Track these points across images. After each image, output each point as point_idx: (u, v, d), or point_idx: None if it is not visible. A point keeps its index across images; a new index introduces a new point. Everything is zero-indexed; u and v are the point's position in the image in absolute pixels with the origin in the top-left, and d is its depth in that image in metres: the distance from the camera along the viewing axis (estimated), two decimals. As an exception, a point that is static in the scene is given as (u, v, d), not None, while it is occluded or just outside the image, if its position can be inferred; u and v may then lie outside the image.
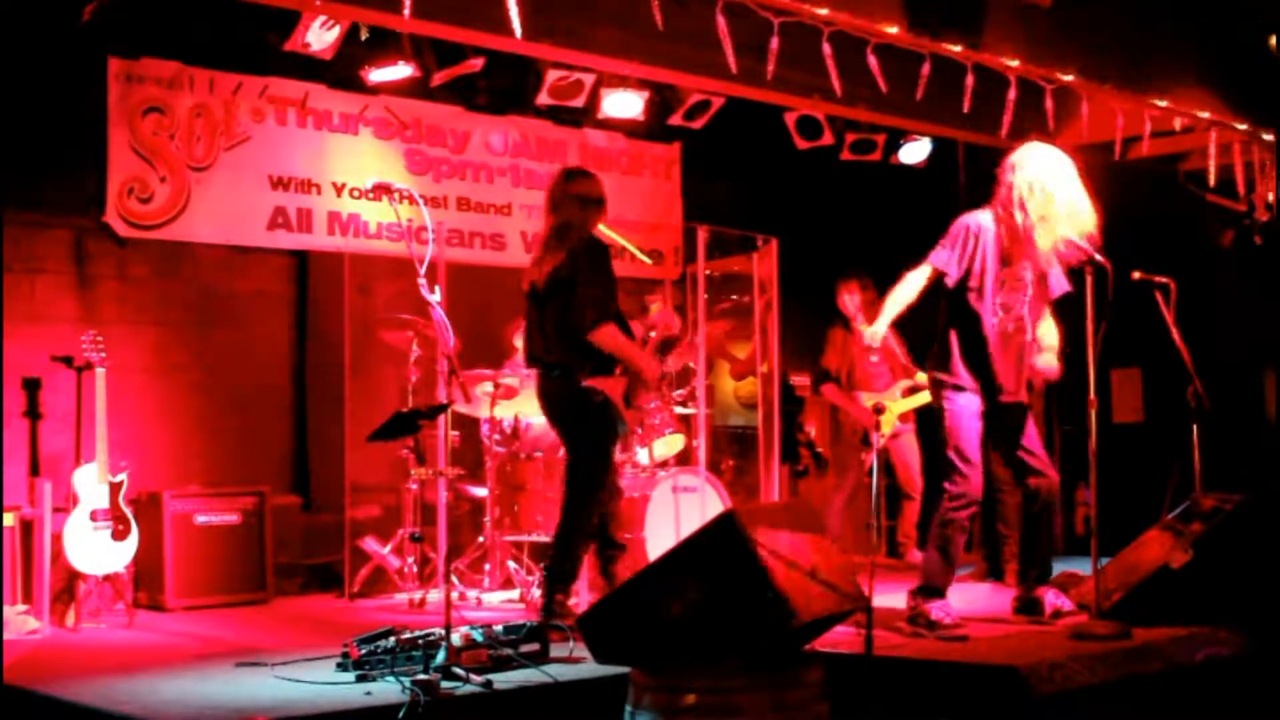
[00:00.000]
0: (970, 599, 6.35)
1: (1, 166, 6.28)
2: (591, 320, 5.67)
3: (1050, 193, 5.55)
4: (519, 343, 7.59)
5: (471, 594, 6.97)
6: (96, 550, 6.33)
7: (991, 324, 5.64)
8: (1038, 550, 5.87)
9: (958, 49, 7.08)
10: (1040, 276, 5.71)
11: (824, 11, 6.49)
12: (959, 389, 5.67)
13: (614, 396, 5.79)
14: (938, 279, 5.68)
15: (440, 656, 4.61)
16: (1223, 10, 8.35)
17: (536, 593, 6.80)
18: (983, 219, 5.67)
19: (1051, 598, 5.81)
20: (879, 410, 6.08)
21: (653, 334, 6.47)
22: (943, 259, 5.65)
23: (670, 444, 7.71)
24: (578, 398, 5.74)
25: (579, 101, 7.09)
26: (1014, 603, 5.91)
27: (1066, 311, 5.86)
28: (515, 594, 6.93)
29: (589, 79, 6.95)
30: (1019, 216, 5.57)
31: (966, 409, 5.67)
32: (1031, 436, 5.82)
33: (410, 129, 8.17)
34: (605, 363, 5.76)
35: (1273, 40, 8.44)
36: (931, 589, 5.60)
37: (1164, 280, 6.43)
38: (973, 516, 5.74)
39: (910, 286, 5.68)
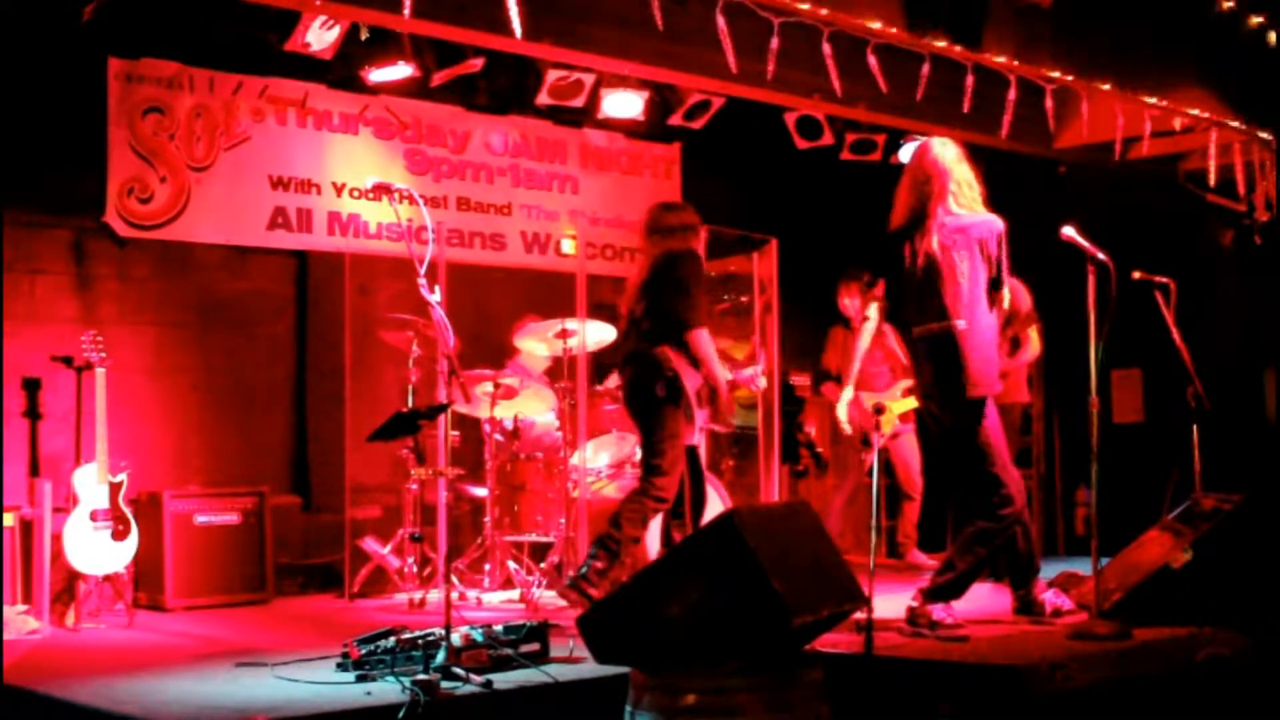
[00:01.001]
0: (970, 599, 6.34)
1: (1, 166, 6.28)
2: (693, 320, 5.92)
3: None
4: (519, 343, 7.61)
5: (471, 594, 6.97)
6: (96, 550, 6.33)
7: (990, 324, 5.61)
8: (1022, 554, 5.85)
9: (958, 49, 7.09)
10: None
11: (824, 11, 6.49)
12: (988, 400, 5.53)
13: (688, 383, 5.91)
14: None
15: (440, 656, 4.60)
16: (1222, 10, 8.35)
17: (537, 592, 6.81)
18: (972, 215, 5.61)
19: (1051, 597, 5.81)
20: (879, 410, 6.06)
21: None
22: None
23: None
24: (652, 367, 5.91)
25: (579, 101, 7.09)
26: (1014, 603, 5.91)
27: (1067, 311, 5.86)
28: (515, 594, 6.92)
29: (589, 79, 6.95)
30: (969, 202, 5.58)
31: (997, 420, 5.57)
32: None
33: (410, 129, 8.17)
34: (689, 358, 5.95)
35: (1272, 36, 8.45)
36: (945, 597, 5.56)
37: (1164, 280, 6.44)
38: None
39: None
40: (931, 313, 5.55)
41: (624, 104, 7.42)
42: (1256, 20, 8.44)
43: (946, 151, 5.62)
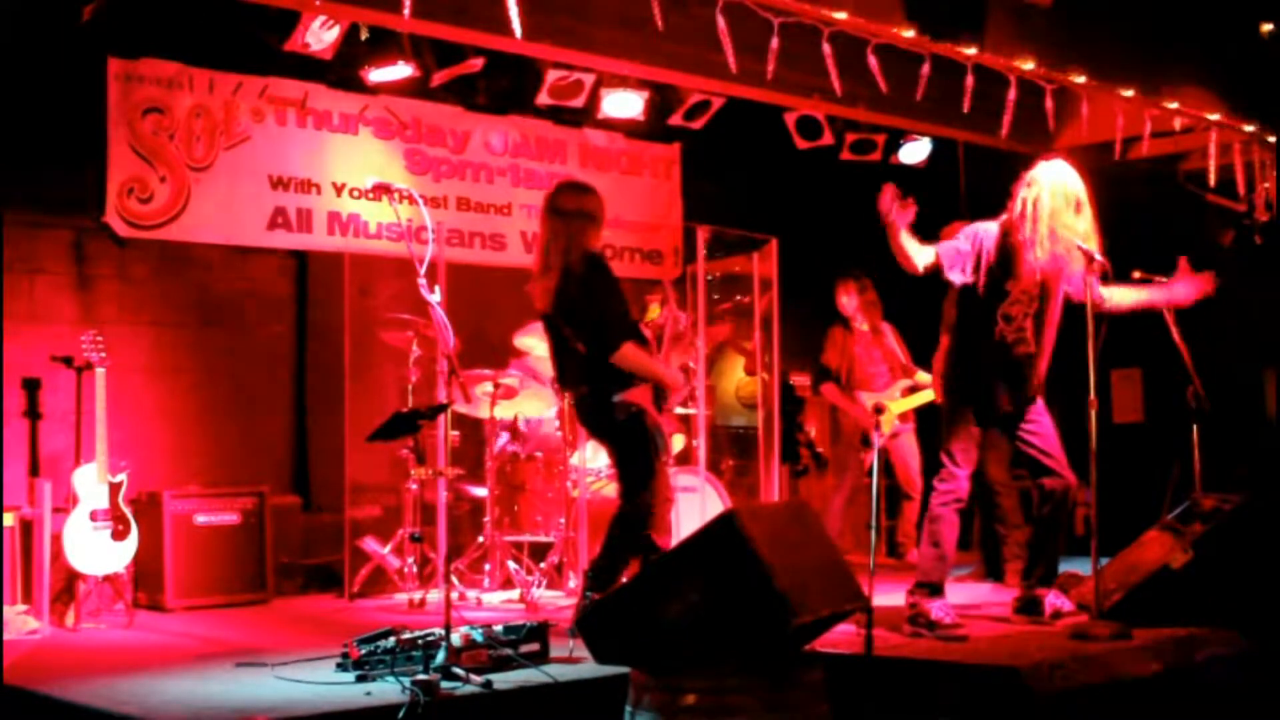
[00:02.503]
0: (970, 599, 6.35)
1: (1, 166, 6.28)
2: (611, 342, 5.65)
3: (1055, 211, 5.57)
4: (519, 343, 7.62)
5: (471, 594, 6.97)
6: (96, 550, 6.33)
7: (993, 333, 5.66)
8: (1045, 551, 5.87)
9: (958, 49, 7.08)
10: (1049, 291, 5.72)
11: (824, 11, 6.49)
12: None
13: (646, 405, 5.78)
14: (940, 277, 5.71)
15: (440, 656, 4.61)
16: (1223, 10, 8.35)
17: (536, 592, 6.81)
18: (991, 228, 5.69)
19: (1052, 598, 5.82)
20: (879, 410, 6.08)
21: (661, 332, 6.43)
22: (947, 251, 5.67)
23: (670, 443, 7.70)
24: (613, 414, 5.73)
25: (579, 101, 7.09)
26: (1014, 603, 5.91)
27: (1067, 312, 5.87)
28: (515, 594, 6.93)
29: (589, 79, 6.95)
30: (1023, 231, 5.59)
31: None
32: (1048, 439, 5.83)
33: (410, 129, 8.16)
34: (629, 377, 5.73)
35: (1264, 27, 8.45)
36: (929, 586, 5.62)
37: (1164, 280, 6.43)
38: (961, 513, 5.79)
39: (918, 252, 5.60)
40: None
41: (624, 104, 7.42)
42: (1257, 20, 8.44)
43: (1031, 173, 5.74)
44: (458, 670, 4.56)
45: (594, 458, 7.42)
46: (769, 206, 9.25)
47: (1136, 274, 6.33)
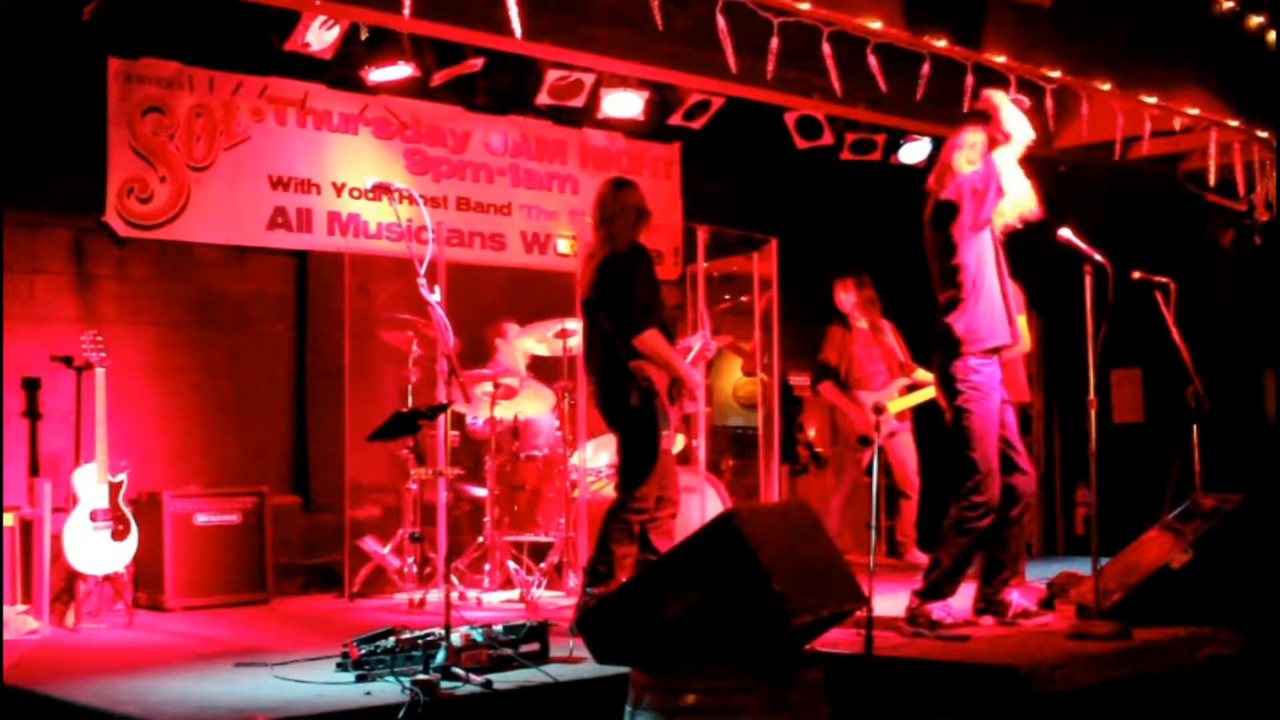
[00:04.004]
0: (969, 599, 6.34)
1: (1, 166, 6.28)
2: (638, 323, 5.77)
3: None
4: (505, 344, 7.63)
5: (471, 594, 6.97)
6: (96, 550, 6.33)
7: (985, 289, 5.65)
8: (1012, 550, 5.82)
9: (958, 49, 7.09)
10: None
11: (824, 11, 6.49)
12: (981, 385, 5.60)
13: (660, 389, 5.83)
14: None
15: (440, 656, 4.61)
16: (1222, 10, 8.36)
17: (536, 592, 6.81)
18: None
19: (1017, 599, 5.78)
20: (879, 410, 6.07)
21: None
22: None
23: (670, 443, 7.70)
24: (626, 384, 5.80)
25: (579, 101, 7.09)
26: (976, 603, 5.82)
27: (1067, 311, 5.87)
28: (515, 594, 6.93)
29: (589, 79, 6.95)
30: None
31: (993, 409, 5.59)
32: (1014, 430, 5.80)
33: (410, 129, 8.17)
34: (649, 359, 5.83)
35: (1271, 36, 8.45)
36: (938, 594, 5.58)
37: (1164, 280, 6.44)
38: (992, 524, 5.65)
39: None
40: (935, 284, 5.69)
41: (624, 104, 7.42)
42: (1257, 20, 8.45)
43: (968, 138, 5.74)
44: (458, 670, 4.56)
45: (594, 458, 7.42)
46: (769, 206, 9.25)
47: (1136, 274, 6.34)
